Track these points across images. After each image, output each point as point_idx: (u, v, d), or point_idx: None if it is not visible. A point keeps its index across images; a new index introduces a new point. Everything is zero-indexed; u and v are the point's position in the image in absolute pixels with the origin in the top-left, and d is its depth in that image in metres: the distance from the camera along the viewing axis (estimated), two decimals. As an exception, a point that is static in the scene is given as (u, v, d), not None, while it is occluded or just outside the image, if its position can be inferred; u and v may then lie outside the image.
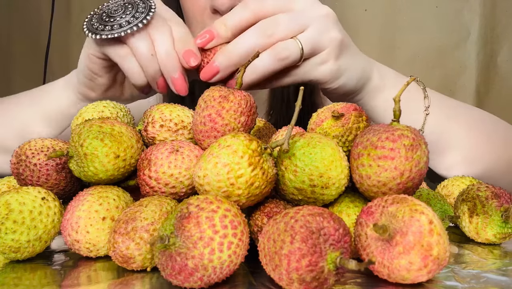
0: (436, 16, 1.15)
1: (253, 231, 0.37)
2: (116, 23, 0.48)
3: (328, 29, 0.51)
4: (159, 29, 0.49)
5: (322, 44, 0.50)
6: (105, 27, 0.49)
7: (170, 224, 0.31)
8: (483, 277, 0.34)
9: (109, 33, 0.48)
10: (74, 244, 0.38)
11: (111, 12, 0.50)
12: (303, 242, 0.29)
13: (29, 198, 0.37)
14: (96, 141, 0.37)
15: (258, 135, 0.51)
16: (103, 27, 0.49)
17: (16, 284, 0.34)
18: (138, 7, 0.49)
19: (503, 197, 0.42)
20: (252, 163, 0.33)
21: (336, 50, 0.51)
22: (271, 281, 0.32)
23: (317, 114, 0.43)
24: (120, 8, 0.50)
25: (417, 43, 1.16)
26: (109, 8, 0.50)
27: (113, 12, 0.50)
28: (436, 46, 1.15)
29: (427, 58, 1.15)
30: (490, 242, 0.42)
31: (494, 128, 0.65)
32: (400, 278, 0.31)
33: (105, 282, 0.34)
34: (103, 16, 0.49)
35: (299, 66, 0.51)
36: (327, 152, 0.36)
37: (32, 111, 0.62)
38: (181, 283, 0.31)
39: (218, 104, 0.40)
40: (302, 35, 0.49)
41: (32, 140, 0.42)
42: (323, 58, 0.51)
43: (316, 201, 0.37)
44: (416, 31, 1.16)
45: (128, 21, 0.48)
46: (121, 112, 0.48)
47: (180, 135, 0.44)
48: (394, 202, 0.32)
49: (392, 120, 0.36)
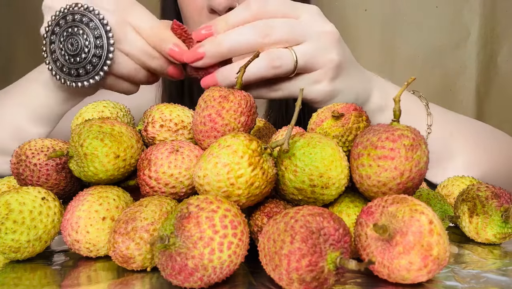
0: (436, 16, 1.15)
1: (253, 231, 0.37)
2: (85, 62, 0.47)
3: (327, 49, 0.49)
4: (126, 40, 0.47)
5: (318, 62, 0.49)
6: (77, 70, 0.47)
7: (170, 224, 0.31)
8: (483, 277, 0.34)
9: (89, 78, 0.47)
10: (74, 244, 0.38)
11: (69, 49, 0.47)
12: (303, 242, 0.29)
13: (29, 198, 0.37)
14: (96, 141, 0.37)
15: (258, 135, 0.51)
16: (76, 72, 0.47)
17: (16, 284, 0.34)
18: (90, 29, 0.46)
19: (503, 197, 0.42)
20: (252, 163, 0.33)
21: (332, 71, 0.50)
22: (271, 281, 0.32)
23: (317, 114, 0.43)
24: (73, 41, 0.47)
25: (417, 43, 1.16)
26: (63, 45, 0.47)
27: (71, 49, 0.47)
28: (436, 46, 1.15)
29: (427, 58, 1.15)
30: (490, 242, 0.42)
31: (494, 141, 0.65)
32: (400, 278, 0.31)
33: (105, 282, 0.34)
34: (66, 57, 0.47)
35: (291, 81, 0.49)
36: (327, 152, 0.36)
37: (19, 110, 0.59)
38: (181, 283, 0.31)
39: (218, 104, 0.40)
40: (299, 47, 0.48)
41: (32, 141, 0.42)
42: (317, 77, 0.49)
43: (316, 201, 0.37)
44: (416, 31, 1.15)
45: (95, 54, 0.46)
46: (121, 112, 0.48)
47: (180, 135, 0.44)
48: (394, 202, 0.32)
49: (392, 120, 0.36)
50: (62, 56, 0.47)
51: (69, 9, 0.47)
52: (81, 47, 0.46)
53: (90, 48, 0.46)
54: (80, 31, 0.46)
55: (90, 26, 0.46)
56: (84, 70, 0.47)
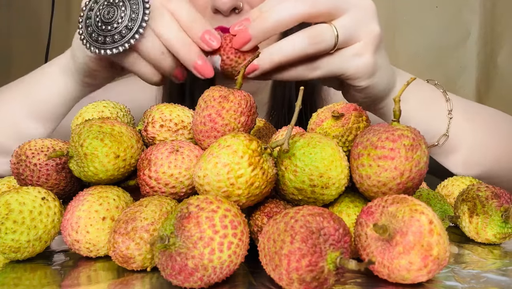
0: (436, 16, 1.15)
1: (253, 231, 0.37)
2: (115, 32, 0.45)
3: (367, 20, 0.47)
4: (161, 21, 0.46)
5: (359, 35, 0.47)
6: (105, 38, 0.46)
7: (170, 224, 0.31)
8: (483, 277, 0.34)
9: (113, 47, 0.45)
10: (74, 244, 0.38)
11: (104, 17, 0.46)
12: (303, 242, 0.29)
13: (29, 198, 0.37)
14: (96, 141, 0.37)
15: (258, 135, 0.51)
16: (104, 39, 0.46)
17: (16, 284, 0.34)
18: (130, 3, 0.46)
19: (503, 197, 0.42)
20: (252, 163, 0.33)
21: (373, 43, 0.48)
22: (271, 281, 0.32)
23: (317, 114, 0.43)
24: (111, 10, 0.46)
25: (417, 43, 1.16)
26: (100, 13, 0.47)
27: (107, 17, 0.46)
28: (436, 46, 1.15)
29: (427, 58, 1.15)
30: (490, 242, 0.42)
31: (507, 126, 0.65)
32: (400, 278, 0.31)
33: (105, 282, 0.34)
34: (99, 24, 0.46)
35: (331, 56, 0.47)
36: (327, 152, 0.36)
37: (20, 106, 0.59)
38: (181, 283, 0.31)
39: (218, 104, 0.40)
40: (338, 21, 0.46)
41: (32, 141, 0.42)
42: (358, 50, 0.47)
43: (316, 201, 0.37)
44: (416, 31, 1.15)
45: (127, 26, 0.45)
46: (121, 112, 0.48)
47: (180, 135, 0.44)
48: (394, 202, 0.32)
49: (392, 120, 0.36)
50: (96, 23, 0.46)
51: None
52: (116, 17, 0.45)
53: (124, 19, 0.45)
54: (120, 3, 0.46)
55: (131, 2, 0.45)
56: (112, 39, 0.46)
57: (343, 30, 0.46)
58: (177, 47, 0.46)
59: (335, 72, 0.48)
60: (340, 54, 0.47)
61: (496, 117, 0.65)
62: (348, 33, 0.46)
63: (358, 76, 0.48)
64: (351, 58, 0.47)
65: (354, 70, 0.48)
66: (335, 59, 0.47)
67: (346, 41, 0.47)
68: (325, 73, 0.48)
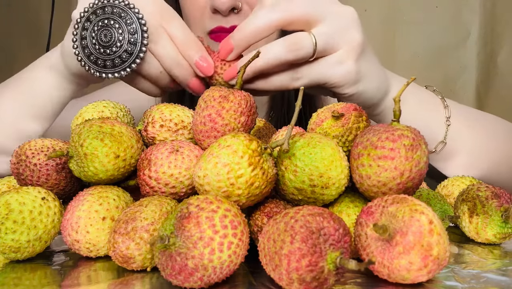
0: (436, 16, 1.15)
1: (253, 231, 0.37)
2: (115, 56, 0.47)
3: (348, 28, 0.47)
4: (160, 44, 0.48)
5: (338, 42, 0.47)
6: (105, 62, 0.47)
7: (170, 224, 0.31)
8: (483, 277, 0.34)
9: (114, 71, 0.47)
10: (74, 244, 0.38)
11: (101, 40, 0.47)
12: (303, 242, 0.29)
13: (29, 198, 0.37)
14: (96, 141, 0.37)
15: (258, 135, 0.51)
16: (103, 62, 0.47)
17: (16, 284, 0.34)
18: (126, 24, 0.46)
19: (503, 197, 0.42)
20: (252, 163, 0.33)
21: (355, 51, 0.48)
22: (271, 281, 0.32)
23: (317, 114, 0.43)
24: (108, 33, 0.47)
25: (417, 43, 1.16)
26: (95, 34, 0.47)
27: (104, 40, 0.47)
28: (436, 46, 1.15)
29: (427, 58, 1.15)
30: (490, 242, 0.42)
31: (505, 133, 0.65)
32: (400, 278, 0.31)
33: (105, 282, 0.34)
34: (96, 46, 0.47)
35: (312, 64, 0.48)
36: (327, 152, 0.36)
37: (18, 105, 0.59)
38: (181, 283, 0.31)
39: (218, 104, 0.40)
40: (317, 29, 0.46)
41: (32, 141, 0.42)
42: (339, 58, 0.47)
43: (316, 201, 0.37)
44: (416, 31, 1.16)
45: (126, 50, 0.46)
46: (121, 112, 0.48)
47: (180, 135, 0.44)
48: (394, 202, 0.32)
49: (392, 120, 0.36)
50: (93, 45, 0.47)
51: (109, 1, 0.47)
52: (114, 40, 0.46)
53: (123, 43, 0.46)
54: (116, 25, 0.46)
55: (127, 22, 0.46)
56: (112, 63, 0.47)
57: (321, 37, 0.46)
58: (173, 68, 0.49)
59: (318, 81, 0.48)
60: (321, 62, 0.48)
61: (495, 124, 0.65)
62: (327, 41, 0.47)
63: (341, 84, 0.49)
64: (332, 66, 0.48)
65: (337, 78, 0.48)
66: (316, 68, 0.48)
67: (326, 49, 0.47)
68: (308, 82, 0.48)
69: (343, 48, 0.47)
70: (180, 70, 0.49)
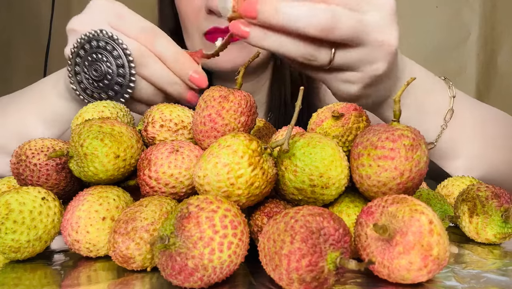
0: (436, 16, 1.15)
1: (253, 231, 0.37)
2: (108, 88, 0.49)
3: (375, 60, 0.44)
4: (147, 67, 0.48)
5: (358, 66, 0.45)
6: (100, 94, 0.49)
7: (170, 224, 0.31)
8: (483, 277, 0.34)
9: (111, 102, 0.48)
10: (74, 244, 0.38)
11: (93, 75, 0.48)
12: (303, 242, 0.29)
13: (29, 198, 0.37)
14: (96, 141, 0.37)
15: (258, 135, 0.51)
16: (99, 95, 0.49)
17: (16, 284, 0.34)
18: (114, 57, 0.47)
19: (503, 197, 0.42)
20: (252, 163, 0.33)
21: (370, 80, 0.46)
22: (271, 281, 0.32)
23: (317, 114, 0.43)
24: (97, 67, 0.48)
25: (417, 43, 1.16)
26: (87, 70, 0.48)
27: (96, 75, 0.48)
28: (436, 46, 1.16)
29: (427, 58, 1.15)
30: (490, 242, 0.42)
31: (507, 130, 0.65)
32: (400, 278, 0.31)
33: (105, 282, 0.34)
34: (90, 81, 0.48)
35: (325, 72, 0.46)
36: (327, 152, 0.36)
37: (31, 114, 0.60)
38: (181, 283, 0.31)
39: (218, 104, 0.40)
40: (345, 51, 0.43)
41: (32, 141, 0.42)
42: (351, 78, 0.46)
43: (316, 201, 0.37)
44: (416, 31, 1.16)
45: (117, 82, 0.48)
46: (121, 112, 0.48)
47: (180, 135, 0.44)
48: (394, 202, 0.32)
49: (392, 120, 0.36)
50: (87, 80, 0.49)
51: (94, 35, 0.49)
52: (104, 73, 0.48)
53: (112, 75, 0.48)
54: (104, 58, 0.48)
55: (113, 55, 0.48)
56: (106, 96, 0.50)
57: (341, 59, 0.44)
58: (167, 87, 0.50)
59: (322, 81, 0.49)
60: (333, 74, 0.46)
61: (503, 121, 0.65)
62: (347, 64, 0.45)
63: (342, 97, 0.49)
64: (341, 82, 0.47)
65: (340, 93, 0.48)
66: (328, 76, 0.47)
67: (342, 67, 0.45)
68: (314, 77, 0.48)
69: (359, 72, 0.46)
70: (174, 88, 0.50)
